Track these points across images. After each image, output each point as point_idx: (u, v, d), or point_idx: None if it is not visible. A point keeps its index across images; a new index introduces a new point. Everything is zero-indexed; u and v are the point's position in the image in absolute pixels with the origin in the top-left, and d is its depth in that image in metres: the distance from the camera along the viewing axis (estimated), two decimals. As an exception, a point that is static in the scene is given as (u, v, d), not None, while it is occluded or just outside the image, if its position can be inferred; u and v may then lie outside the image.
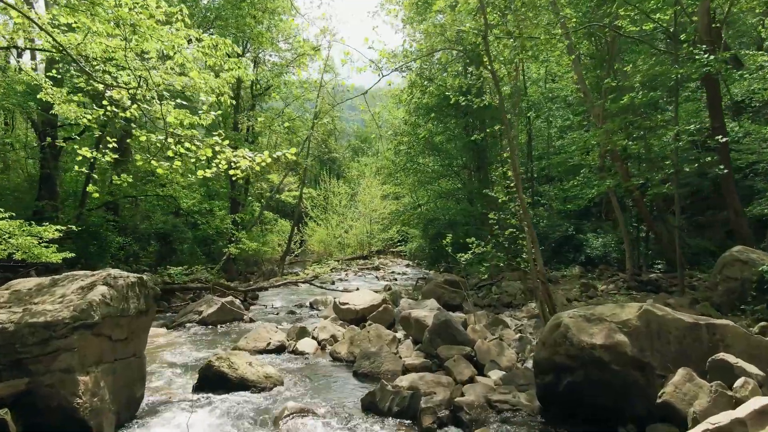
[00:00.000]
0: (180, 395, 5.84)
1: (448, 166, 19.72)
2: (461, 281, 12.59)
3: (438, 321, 7.16)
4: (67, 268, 13.95)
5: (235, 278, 21.49)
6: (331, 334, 8.45)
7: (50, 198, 14.49)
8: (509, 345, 6.92)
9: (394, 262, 30.16)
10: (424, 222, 20.24)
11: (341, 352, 7.41)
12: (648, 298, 9.47)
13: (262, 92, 26.79)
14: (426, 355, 7.16)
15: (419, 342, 7.57)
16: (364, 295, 10.18)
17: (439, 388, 5.41)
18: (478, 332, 7.44)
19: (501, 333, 7.52)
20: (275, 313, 12.67)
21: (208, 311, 10.42)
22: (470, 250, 8.79)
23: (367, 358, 6.79)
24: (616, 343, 4.24)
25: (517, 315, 10.05)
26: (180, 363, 7.28)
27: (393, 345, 7.41)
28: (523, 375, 5.67)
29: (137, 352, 5.36)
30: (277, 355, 7.74)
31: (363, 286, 18.76)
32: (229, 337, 9.31)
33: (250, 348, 7.90)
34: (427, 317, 7.61)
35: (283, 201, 34.73)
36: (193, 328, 9.99)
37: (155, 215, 20.31)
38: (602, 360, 4.27)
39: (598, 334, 4.36)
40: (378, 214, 32.28)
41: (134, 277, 5.24)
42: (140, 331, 5.37)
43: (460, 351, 6.74)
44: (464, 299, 11.55)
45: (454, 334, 7.07)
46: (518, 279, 13.05)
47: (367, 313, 9.53)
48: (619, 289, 11.09)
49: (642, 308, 4.40)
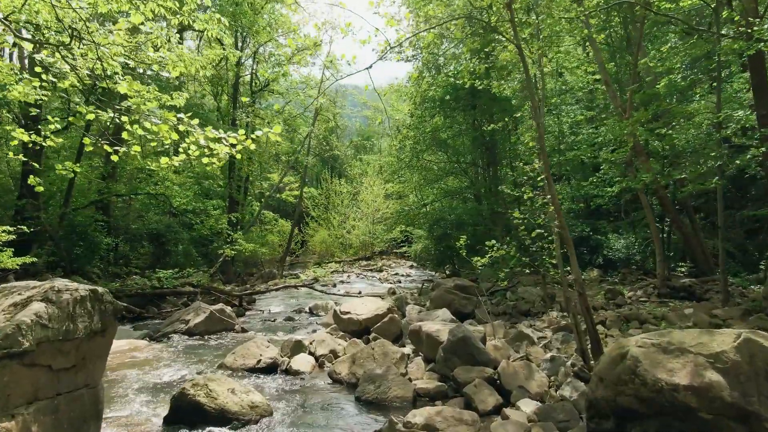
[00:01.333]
0: (146, 430, 4.85)
1: (455, 163, 18.67)
2: (473, 286, 11.57)
3: (454, 338, 6.14)
4: (47, 273, 13.07)
5: (233, 280, 20.51)
6: (330, 349, 7.45)
7: (32, 197, 13.53)
8: (539, 366, 5.90)
9: (397, 263, 29.21)
10: (429, 222, 19.20)
11: (342, 372, 6.40)
12: (686, 307, 8.45)
13: (261, 88, 25.87)
14: (440, 376, 6.16)
15: (431, 360, 6.57)
16: (368, 304, 9.17)
17: (462, 428, 4.39)
18: (500, 350, 6.42)
19: (527, 351, 6.50)
20: (272, 320, 11.69)
21: (195, 320, 9.44)
22: (487, 254, 7.76)
23: (371, 381, 5.78)
24: (708, 385, 3.19)
25: (537, 325, 9.02)
26: (154, 385, 6.29)
27: (401, 364, 6.40)
28: (562, 409, 4.64)
29: (91, 381, 4.37)
30: (267, 376, 6.74)
31: (365, 288, 17.80)
32: (216, 350, 8.32)
33: (238, 366, 6.91)
34: (441, 332, 6.60)
35: (283, 200, 33.80)
36: (178, 340, 9.01)
37: (148, 215, 19.37)
38: (688, 406, 3.22)
39: (680, 371, 3.32)
40: (381, 214, 31.34)
41: (85, 289, 4.24)
42: (94, 356, 4.38)
43: (480, 373, 5.73)
44: (477, 306, 10.54)
45: (472, 352, 6.05)
46: (535, 284, 12.03)
47: (370, 324, 8.53)
48: (649, 296, 10.05)
49: (742, 337, 3.35)
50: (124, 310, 12.45)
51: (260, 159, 25.89)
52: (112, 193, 15.80)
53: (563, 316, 9.39)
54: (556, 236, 6.42)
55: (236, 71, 23.50)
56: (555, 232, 6.45)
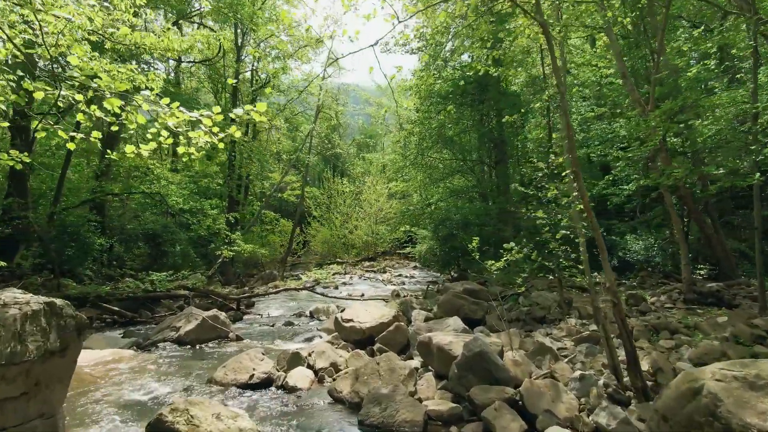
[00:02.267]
0: (117, 464, 4.20)
1: (461, 161, 17.99)
2: (483, 290, 10.90)
3: (470, 352, 5.46)
4: (34, 275, 12.43)
5: (233, 282, 19.86)
6: (330, 361, 6.78)
7: (20, 195, 12.90)
8: (566, 385, 5.21)
9: (400, 264, 28.58)
10: (434, 222, 18.51)
11: (343, 390, 5.72)
12: (719, 315, 7.75)
13: (261, 85, 25.24)
14: (454, 396, 5.48)
15: (443, 377, 5.89)
16: (372, 310, 8.48)
17: (485, 466, 3.72)
18: (520, 365, 5.74)
19: (551, 367, 5.81)
20: (270, 325, 11.04)
21: (186, 328, 8.77)
22: (502, 257, 7.09)
23: (377, 402, 5.11)
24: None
25: (555, 334, 8.32)
26: (133, 404, 5.62)
27: (410, 381, 5.72)
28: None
29: (47, 410, 3.71)
30: (261, 393, 6.07)
31: (368, 291, 17.15)
32: (207, 361, 7.66)
33: (229, 381, 6.25)
34: (454, 344, 5.92)
35: (285, 200, 33.18)
36: (166, 349, 8.35)
37: (145, 215, 18.74)
38: (787, 461, 2.56)
39: (776, 414, 2.65)
40: (384, 214, 30.70)
41: (39, 302, 3.59)
42: (51, 380, 3.73)
43: (500, 394, 5.05)
44: (487, 312, 9.87)
45: (490, 369, 5.37)
46: (549, 288, 11.35)
47: (375, 333, 7.84)
48: (675, 301, 9.34)
49: None
50: (116, 315, 11.84)
51: (261, 158, 25.25)
52: (105, 192, 15.15)
53: (583, 324, 8.71)
54: (581, 238, 5.74)
55: (236, 68, 22.90)
56: (580, 234, 5.77)
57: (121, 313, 11.79)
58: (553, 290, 10.54)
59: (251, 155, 23.32)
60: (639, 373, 4.85)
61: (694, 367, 5.94)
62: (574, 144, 5.10)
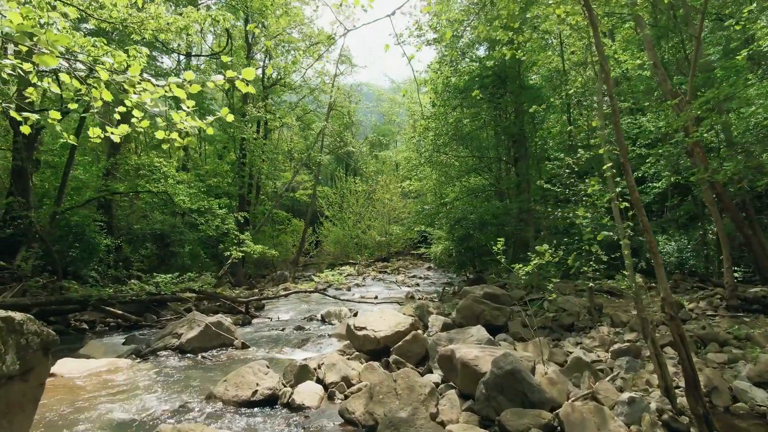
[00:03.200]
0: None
1: (479, 158, 17.26)
2: (505, 295, 10.22)
3: (500, 370, 4.80)
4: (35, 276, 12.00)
5: (243, 283, 19.38)
6: (342, 375, 6.16)
7: (22, 195, 12.50)
8: (612, 409, 4.53)
9: (414, 265, 27.97)
10: (450, 222, 17.82)
11: (356, 411, 5.09)
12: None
13: (273, 83, 24.77)
14: (481, 419, 4.82)
15: (468, 396, 5.22)
16: (387, 317, 7.83)
17: None
18: (556, 384, 5.06)
19: (591, 386, 5.11)
20: (280, 329, 10.48)
21: (188, 335, 8.22)
22: (531, 260, 6.41)
23: (394, 428, 4.48)
24: None
25: (586, 344, 7.62)
26: (124, 424, 5.05)
27: (431, 401, 5.07)
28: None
29: (5, 444, 3.15)
30: (264, 411, 5.47)
31: (382, 292, 16.57)
32: (209, 372, 7.09)
33: (230, 397, 5.66)
34: (480, 360, 5.26)
35: (297, 199, 32.70)
36: (167, 358, 7.80)
37: (153, 214, 18.33)
38: None
39: None
40: (397, 214, 30.09)
41: (-6, 318, 3.02)
42: (11, 409, 3.15)
43: (536, 419, 4.39)
44: (510, 318, 9.18)
45: (524, 390, 4.71)
46: (576, 293, 10.63)
47: (390, 343, 7.20)
48: (716, 308, 8.56)
49: None
50: (120, 318, 11.37)
51: (272, 156, 24.78)
52: (110, 191, 14.73)
53: (617, 332, 7.99)
54: (624, 241, 5.06)
55: (246, 64, 22.46)
56: (624, 235, 5.08)
57: (125, 317, 11.33)
58: (582, 295, 9.82)
59: (262, 154, 22.83)
60: (700, 398, 4.16)
61: (755, 387, 5.23)
62: (621, 132, 4.41)
